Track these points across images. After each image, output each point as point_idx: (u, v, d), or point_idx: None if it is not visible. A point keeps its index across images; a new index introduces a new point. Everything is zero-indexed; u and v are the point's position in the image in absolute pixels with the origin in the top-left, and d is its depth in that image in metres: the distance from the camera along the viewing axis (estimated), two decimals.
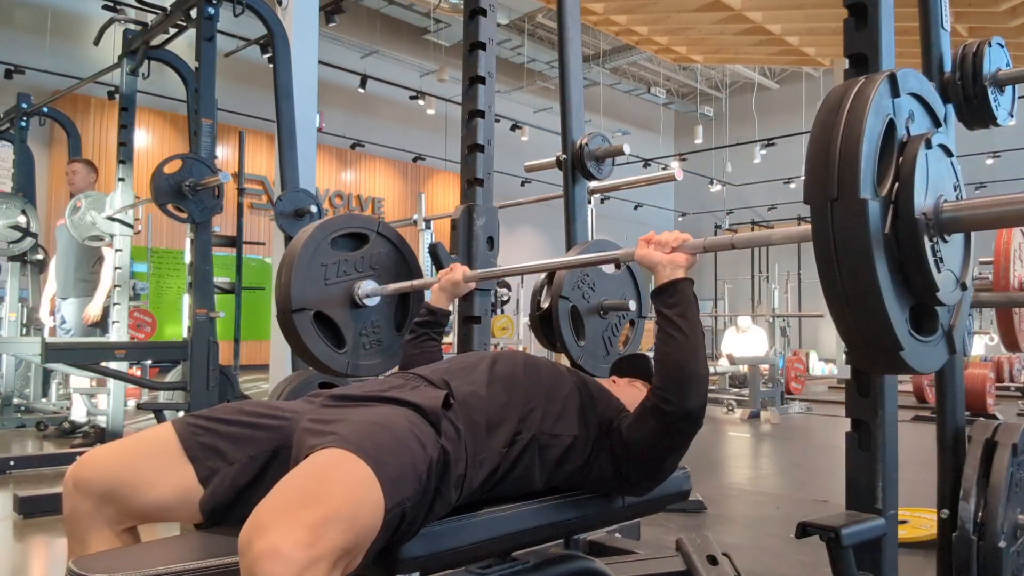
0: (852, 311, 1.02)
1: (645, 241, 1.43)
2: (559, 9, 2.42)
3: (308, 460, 1.06)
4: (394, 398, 1.24)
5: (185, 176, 3.39)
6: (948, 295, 1.10)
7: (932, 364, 1.13)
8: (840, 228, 0.99)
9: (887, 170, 1.04)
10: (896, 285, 1.03)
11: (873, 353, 1.05)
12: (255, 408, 1.27)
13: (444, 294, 1.86)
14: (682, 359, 1.32)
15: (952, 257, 1.13)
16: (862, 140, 0.99)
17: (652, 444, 1.35)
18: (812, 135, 1.05)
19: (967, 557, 1.58)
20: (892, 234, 1.03)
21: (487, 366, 1.40)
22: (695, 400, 1.32)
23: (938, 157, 1.11)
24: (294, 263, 1.98)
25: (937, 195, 1.09)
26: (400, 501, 1.06)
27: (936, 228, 1.07)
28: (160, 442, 1.21)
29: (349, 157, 13.67)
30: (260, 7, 3.81)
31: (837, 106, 1.03)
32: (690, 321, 1.34)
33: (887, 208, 1.02)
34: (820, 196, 1.01)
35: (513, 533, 1.31)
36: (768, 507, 3.52)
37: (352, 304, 2.09)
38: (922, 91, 1.14)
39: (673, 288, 1.37)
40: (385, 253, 2.16)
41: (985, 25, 8.07)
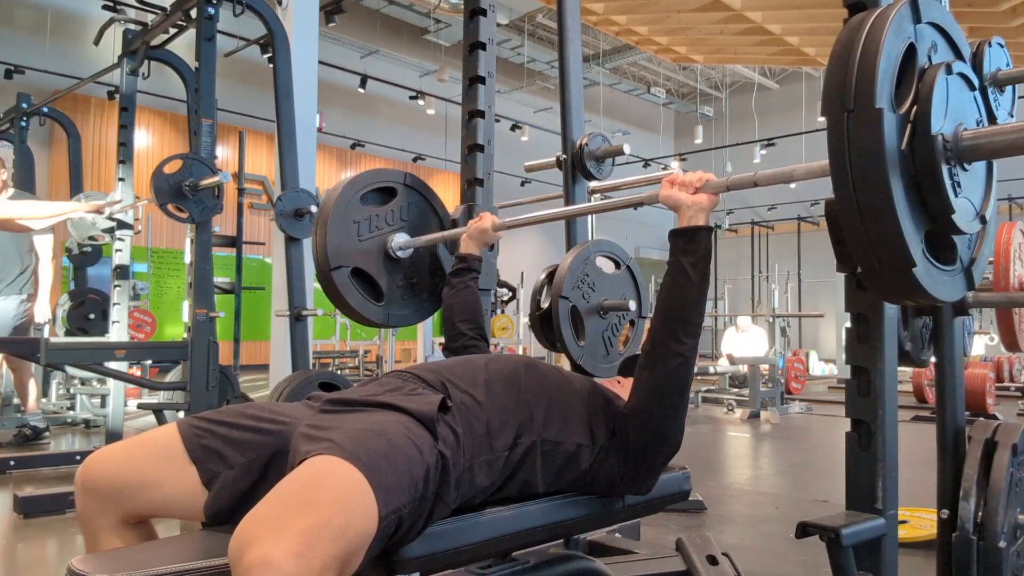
0: (866, 225, 1.02)
1: (669, 182, 1.45)
2: (559, 9, 2.42)
3: (300, 467, 1.05)
4: (391, 404, 1.23)
5: (185, 176, 3.39)
6: (965, 222, 1.10)
7: (948, 292, 1.13)
8: (855, 139, 1.00)
9: (907, 92, 1.05)
10: (911, 204, 1.03)
11: (886, 271, 1.05)
12: (256, 411, 1.27)
13: (473, 241, 1.94)
14: (683, 304, 1.35)
15: (971, 186, 1.13)
16: (880, 53, 1.00)
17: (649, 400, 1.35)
18: (832, 51, 1.06)
19: (967, 557, 1.58)
20: (909, 152, 1.04)
21: (485, 367, 1.39)
22: (687, 340, 1.34)
23: (959, 86, 1.12)
24: (328, 222, 2.04)
25: (957, 123, 1.09)
26: (396, 508, 1.05)
27: (955, 154, 1.07)
28: (165, 443, 1.21)
29: (349, 157, 13.67)
30: (260, 7, 3.81)
31: (858, 26, 1.05)
32: (699, 272, 1.35)
33: (904, 124, 1.03)
34: (836, 108, 1.02)
35: (513, 533, 1.31)
36: (768, 507, 3.52)
37: (386, 257, 2.16)
38: (946, 24, 1.15)
39: (693, 234, 1.38)
40: (414, 204, 2.22)
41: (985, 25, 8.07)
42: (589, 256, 2.15)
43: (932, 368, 1.79)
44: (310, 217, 3.61)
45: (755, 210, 16.99)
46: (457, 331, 1.85)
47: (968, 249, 1.20)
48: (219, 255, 4.00)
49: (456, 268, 1.93)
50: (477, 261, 1.95)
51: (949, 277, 1.14)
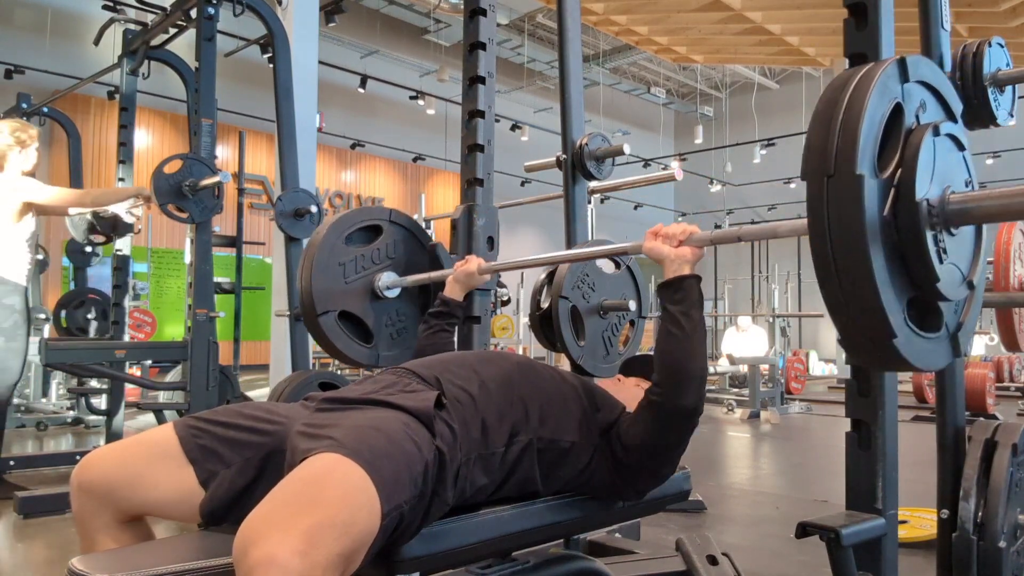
0: (844, 293, 0.99)
1: (653, 233, 1.43)
2: (559, 9, 2.42)
3: (303, 465, 1.05)
4: (387, 402, 1.23)
5: (185, 176, 3.38)
6: (950, 289, 1.07)
7: (931, 362, 1.09)
8: (835, 205, 0.98)
9: (891, 155, 1.03)
10: (893, 272, 1.00)
11: (865, 340, 1.02)
12: (253, 411, 1.27)
13: (459, 285, 1.90)
14: (681, 357, 1.33)
15: (958, 252, 1.09)
16: (863, 117, 0.97)
17: (649, 442, 1.35)
18: (815, 112, 1.04)
19: (967, 557, 1.58)
20: (892, 218, 1.01)
21: (481, 365, 1.39)
22: (690, 398, 1.32)
23: (948, 148, 1.09)
24: (312, 268, 2.00)
25: (944, 186, 1.06)
26: (397, 504, 1.06)
27: (941, 218, 1.04)
28: (161, 444, 1.21)
29: (349, 157, 13.67)
30: (260, 7, 3.81)
31: (843, 85, 1.02)
32: (692, 320, 1.34)
33: (887, 190, 1.01)
34: (817, 171, 0.99)
35: (513, 533, 1.31)
36: (768, 507, 3.52)
37: (374, 297, 2.13)
38: (936, 82, 1.12)
39: (679, 284, 1.37)
40: (401, 240, 2.19)
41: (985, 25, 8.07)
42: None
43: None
44: (310, 217, 3.61)
45: (755, 210, 16.99)
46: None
47: (955, 314, 1.15)
48: (219, 255, 4.00)
49: (436, 310, 1.89)
50: (459, 307, 1.91)
51: (933, 345, 1.09)
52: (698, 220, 19.34)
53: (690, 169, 16.27)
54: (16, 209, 3.24)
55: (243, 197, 5.01)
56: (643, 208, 17.51)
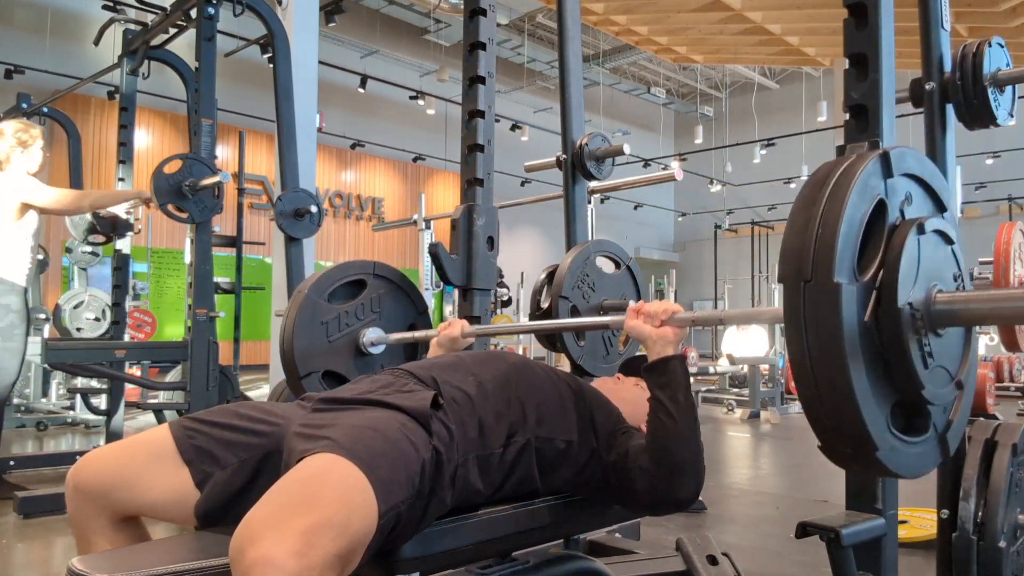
0: (824, 405, 0.95)
1: (635, 311, 1.39)
2: (559, 9, 2.42)
3: (300, 465, 1.05)
4: (384, 402, 1.23)
5: (185, 176, 3.38)
6: (936, 393, 1.02)
7: (917, 469, 1.04)
8: (812, 312, 0.93)
9: (873, 254, 0.98)
10: (874, 379, 0.96)
11: (847, 450, 0.98)
12: (249, 411, 1.27)
13: (442, 349, 1.82)
14: (672, 445, 1.29)
15: (945, 353, 1.04)
16: (841, 220, 0.93)
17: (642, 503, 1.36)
18: (792, 210, 0.99)
19: (967, 557, 1.58)
20: (873, 323, 0.96)
21: (477, 366, 1.39)
22: (686, 490, 1.30)
23: (934, 244, 1.04)
24: (294, 329, 1.95)
25: (930, 284, 1.02)
26: (394, 505, 1.06)
27: (926, 320, 1.00)
28: (157, 445, 1.21)
29: (349, 157, 13.66)
30: (260, 7, 3.81)
31: (821, 183, 0.97)
32: (680, 404, 1.30)
33: (868, 294, 0.96)
34: (793, 276, 0.94)
35: (513, 533, 1.31)
36: (768, 507, 3.52)
37: (358, 354, 2.06)
38: (923, 173, 1.07)
39: (664, 367, 1.33)
40: (385, 293, 2.11)
41: (985, 25, 8.07)
42: (589, 256, 2.15)
43: None
44: (310, 217, 3.60)
45: (755, 210, 16.99)
46: None
47: (943, 414, 1.09)
48: (219, 255, 4.00)
49: None
50: None
51: (920, 449, 1.04)
52: (698, 220, 19.34)
53: (690, 169, 16.27)
54: (15, 208, 3.24)
55: (243, 197, 5.01)
56: (643, 208, 17.51)
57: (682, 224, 20.38)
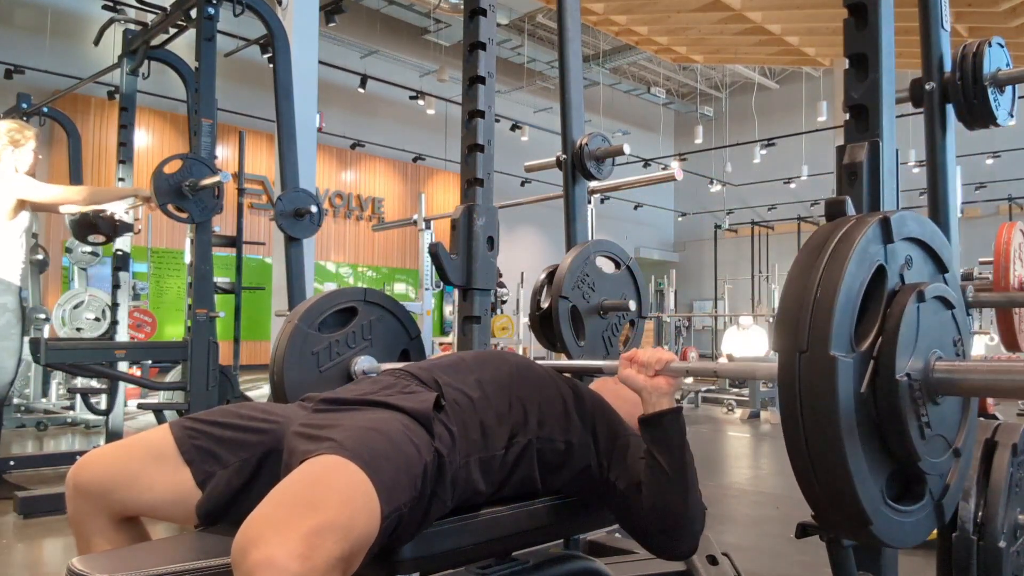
0: (818, 478, 0.94)
1: (628, 360, 1.36)
2: (559, 9, 2.42)
3: (303, 467, 1.05)
4: (386, 403, 1.23)
5: (185, 176, 3.38)
6: (933, 464, 1.00)
7: (912, 539, 1.02)
8: (807, 383, 0.91)
9: (872, 322, 0.96)
10: (870, 451, 0.94)
11: (841, 522, 0.97)
12: (250, 411, 1.27)
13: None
14: (670, 501, 1.29)
15: (943, 421, 1.03)
16: (839, 289, 0.91)
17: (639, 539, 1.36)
18: (788, 276, 0.97)
19: (967, 557, 1.57)
20: (870, 394, 0.95)
21: (478, 367, 1.39)
22: (682, 545, 1.32)
23: (934, 309, 1.02)
24: (284, 361, 1.93)
25: (930, 351, 1.00)
26: (397, 507, 1.06)
27: (924, 390, 0.98)
28: (157, 445, 1.21)
29: (349, 157, 13.66)
30: (260, 7, 3.81)
31: (819, 249, 0.96)
32: (675, 459, 1.29)
33: (865, 365, 0.94)
34: (788, 346, 0.93)
35: (513, 533, 1.31)
36: (768, 507, 3.52)
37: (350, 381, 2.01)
38: (924, 235, 1.05)
39: (658, 421, 1.31)
40: (377, 319, 2.08)
41: (985, 25, 8.07)
42: (589, 256, 2.15)
43: None
44: (310, 217, 3.60)
45: (755, 210, 16.99)
46: None
47: (940, 479, 1.07)
48: (219, 255, 4.00)
49: None
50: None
51: (915, 518, 1.02)
52: (698, 220, 19.33)
53: (690, 169, 16.27)
54: (10, 206, 3.24)
55: (243, 197, 5.01)
56: (643, 208, 17.51)
57: (682, 224, 20.38)
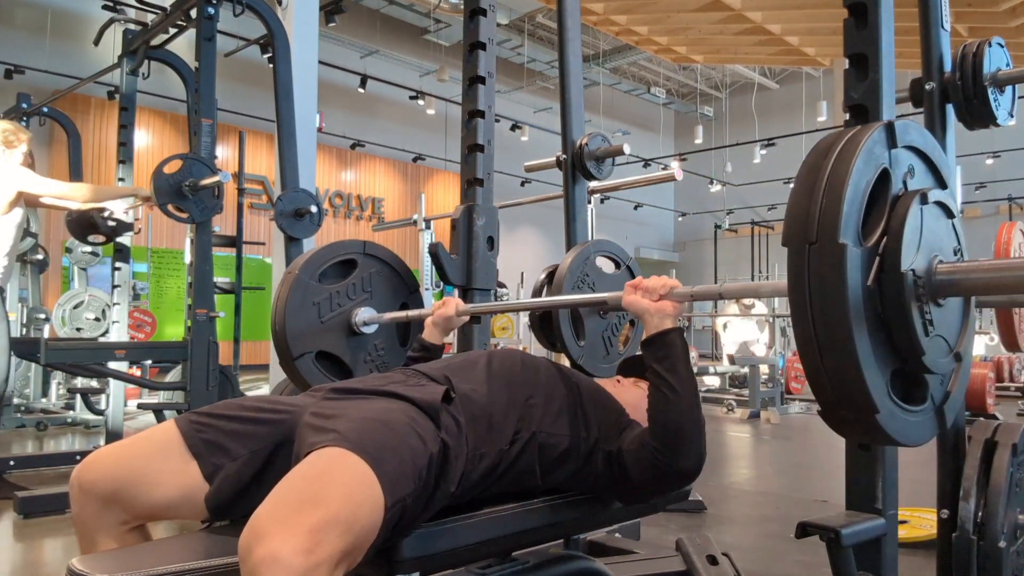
0: (825, 365, 0.95)
1: (633, 287, 1.40)
2: (559, 9, 2.42)
3: (307, 460, 1.06)
4: (394, 392, 1.24)
5: (185, 176, 3.38)
6: (936, 362, 1.03)
7: (915, 437, 1.05)
8: (816, 274, 0.94)
9: (877, 221, 0.99)
10: (876, 344, 0.96)
11: (846, 413, 0.98)
12: (256, 403, 1.27)
13: (437, 329, 1.81)
14: (674, 417, 1.30)
15: (945, 322, 1.06)
16: (847, 183, 0.94)
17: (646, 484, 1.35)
18: (797, 175, 1.00)
19: (967, 557, 1.57)
20: (876, 288, 0.97)
21: (486, 364, 1.40)
22: (689, 460, 1.31)
23: (936, 216, 1.06)
24: (285, 310, 1.94)
25: (932, 255, 1.03)
26: (401, 498, 1.06)
27: (928, 290, 1.01)
28: (163, 440, 1.21)
29: (349, 157, 13.66)
30: (260, 7, 3.81)
31: (826, 150, 0.99)
32: (680, 376, 1.31)
33: (871, 259, 0.97)
34: (798, 239, 0.96)
35: (513, 533, 1.31)
36: (768, 507, 3.52)
37: (351, 333, 2.06)
38: (926, 147, 1.08)
39: (662, 340, 1.33)
40: (376, 272, 2.11)
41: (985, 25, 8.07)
42: (589, 256, 2.15)
43: None
44: (310, 217, 3.60)
45: (755, 210, 16.99)
46: None
47: (941, 386, 1.11)
48: (219, 255, 4.00)
49: (416, 355, 1.79)
50: (438, 351, 1.81)
51: (918, 418, 1.05)
52: (698, 220, 19.33)
53: (690, 169, 16.26)
54: (8, 200, 3.25)
55: (243, 197, 5.01)
56: (643, 208, 17.50)
57: (682, 224, 20.38)
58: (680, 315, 1.38)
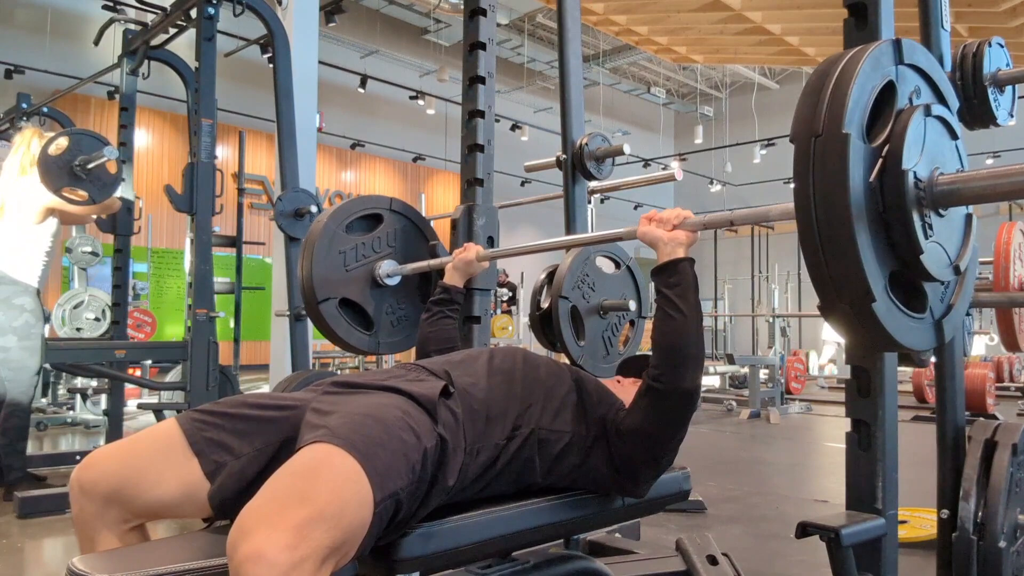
0: (825, 253, 0.98)
1: (647, 219, 1.45)
2: (559, 9, 2.42)
3: (295, 457, 1.06)
4: (392, 387, 1.24)
5: (74, 155, 3.20)
6: (935, 265, 1.05)
7: (913, 340, 1.06)
8: (820, 165, 0.96)
9: (882, 129, 1.02)
10: (876, 241, 0.99)
11: (845, 306, 1.00)
12: (259, 400, 1.27)
13: (458, 273, 1.93)
14: (679, 339, 1.33)
15: (946, 232, 1.08)
16: (853, 82, 0.97)
17: (648, 428, 1.35)
18: (806, 84, 1.03)
19: (967, 557, 1.58)
20: (878, 186, 1.00)
21: (486, 360, 1.41)
22: (689, 379, 1.32)
23: (940, 132, 1.09)
24: (313, 256, 2.04)
25: (933, 167, 1.06)
26: (392, 492, 1.06)
27: (929, 198, 1.03)
28: (164, 439, 1.21)
29: (349, 157, 13.66)
30: (260, 7, 3.81)
31: (836, 59, 1.02)
32: (689, 302, 1.35)
33: (875, 158, 1.00)
34: (804, 133, 0.99)
35: (513, 533, 1.31)
36: (768, 507, 3.52)
37: (374, 285, 2.16)
38: (932, 72, 1.11)
39: (674, 267, 1.37)
40: (401, 229, 2.22)
41: (985, 25, 8.06)
42: (589, 256, 2.15)
43: (932, 368, 1.79)
44: (310, 217, 3.60)
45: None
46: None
47: (941, 301, 1.13)
48: (219, 255, 4.00)
49: (437, 297, 1.90)
50: (459, 293, 1.92)
51: (916, 324, 1.07)
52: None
53: (690, 169, 16.26)
54: (39, 210, 3.29)
55: (243, 197, 5.02)
56: (643, 208, 17.49)
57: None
58: (692, 244, 1.42)
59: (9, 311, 3.21)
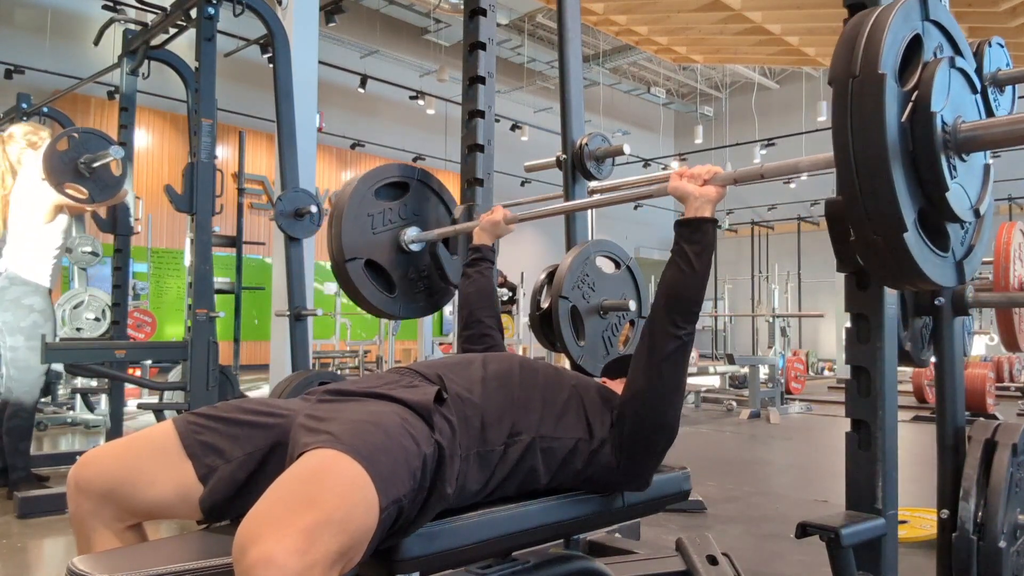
0: (862, 189, 1.05)
1: (678, 175, 1.50)
2: (559, 9, 2.42)
3: (300, 461, 1.05)
4: (387, 395, 1.24)
5: (80, 152, 3.19)
6: (959, 206, 1.13)
7: (938, 274, 1.15)
8: (858, 103, 1.04)
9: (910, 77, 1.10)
10: (907, 177, 1.06)
11: (876, 237, 1.07)
12: (254, 406, 1.27)
13: (486, 233, 1.99)
14: (683, 289, 1.39)
15: (967, 177, 1.17)
16: (887, 30, 1.06)
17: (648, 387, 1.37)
18: (842, 34, 1.11)
19: (967, 557, 1.57)
20: (909, 125, 1.08)
21: (481, 364, 1.40)
22: (680, 320, 1.37)
23: (962, 84, 1.17)
24: (343, 215, 2.09)
25: (957, 115, 1.13)
26: (396, 499, 1.06)
27: (953, 143, 1.11)
28: (160, 440, 1.21)
29: (349, 157, 13.67)
30: (260, 7, 3.81)
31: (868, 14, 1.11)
32: (703, 261, 1.40)
33: (906, 101, 1.08)
34: (843, 74, 1.07)
35: (513, 533, 1.31)
36: (768, 507, 3.52)
37: (399, 250, 2.22)
38: (952, 30, 1.20)
39: (698, 225, 1.42)
40: (426, 200, 2.28)
41: (985, 25, 8.06)
42: (589, 256, 2.15)
43: (932, 368, 1.79)
44: (310, 217, 3.60)
45: (755, 210, 16.98)
46: (475, 319, 1.89)
47: (961, 244, 1.22)
48: (219, 255, 4.00)
49: (471, 259, 1.98)
50: (491, 251, 2.00)
51: (940, 260, 1.16)
52: None
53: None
54: (48, 209, 3.29)
55: (243, 197, 5.02)
56: (643, 208, 17.50)
57: None
58: (720, 200, 1.46)
59: (18, 311, 3.23)
